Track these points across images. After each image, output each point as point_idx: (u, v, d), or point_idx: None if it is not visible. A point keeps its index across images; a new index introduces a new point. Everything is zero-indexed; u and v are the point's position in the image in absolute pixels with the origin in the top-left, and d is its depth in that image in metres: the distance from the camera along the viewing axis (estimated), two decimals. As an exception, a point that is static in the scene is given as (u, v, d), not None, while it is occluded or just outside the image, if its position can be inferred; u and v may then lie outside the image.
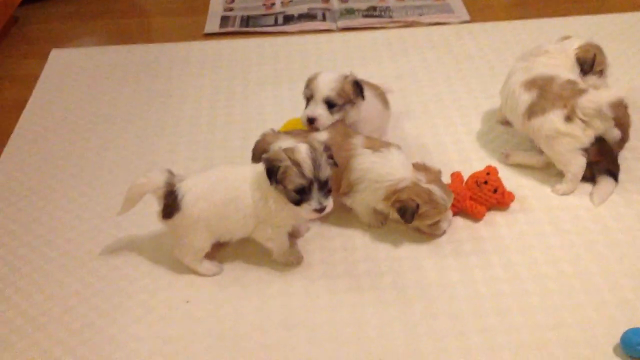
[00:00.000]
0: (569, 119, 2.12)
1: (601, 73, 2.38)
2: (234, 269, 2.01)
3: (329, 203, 1.85)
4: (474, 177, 2.16)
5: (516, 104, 2.25)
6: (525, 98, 2.21)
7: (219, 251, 2.04)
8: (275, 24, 3.35)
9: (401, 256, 2.03)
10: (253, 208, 1.90)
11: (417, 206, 1.95)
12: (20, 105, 2.79)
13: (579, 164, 2.16)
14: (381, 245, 2.06)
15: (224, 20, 3.40)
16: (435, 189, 1.97)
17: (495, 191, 2.12)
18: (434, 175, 2.01)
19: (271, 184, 1.85)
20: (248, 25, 3.35)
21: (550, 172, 2.26)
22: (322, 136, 2.07)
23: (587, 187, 2.22)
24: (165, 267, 2.01)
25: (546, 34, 3.03)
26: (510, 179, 2.23)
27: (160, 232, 2.08)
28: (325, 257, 2.03)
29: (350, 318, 1.85)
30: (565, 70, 2.26)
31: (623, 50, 2.95)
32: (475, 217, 2.12)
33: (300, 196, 1.83)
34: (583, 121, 2.12)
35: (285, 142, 1.97)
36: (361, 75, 2.29)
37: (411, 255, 2.03)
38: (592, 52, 2.31)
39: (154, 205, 1.95)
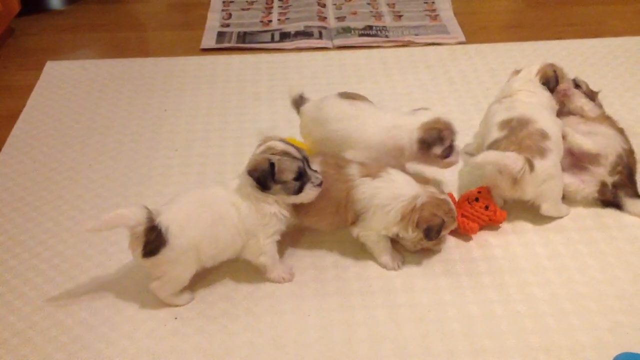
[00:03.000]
0: (500, 172, 2.10)
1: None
2: (224, 285, 1.99)
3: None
4: (465, 196, 2.17)
5: (487, 140, 2.23)
6: (494, 135, 2.19)
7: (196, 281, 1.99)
8: (272, 40, 3.36)
9: (393, 275, 2.01)
10: (241, 224, 1.89)
11: (443, 221, 1.94)
12: (14, 116, 2.79)
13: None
14: (373, 264, 2.05)
15: (221, 35, 3.41)
16: (448, 198, 1.98)
17: (486, 208, 2.11)
18: (434, 186, 2.02)
19: (268, 189, 1.85)
20: (245, 42, 3.35)
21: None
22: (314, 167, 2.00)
23: (580, 210, 2.23)
24: (155, 282, 2.00)
25: (542, 57, 3.03)
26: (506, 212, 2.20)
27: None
28: (317, 275, 2.02)
29: (341, 337, 1.83)
30: (544, 110, 2.24)
31: (619, 74, 2.97)
32: (468, 233, 2.11)
33: (300, 182, 1.86)
34: (514, 181, 2.09)
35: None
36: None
37: (403, 274, 2.02)
38: (552, 70, 2.35)
39: (122, 243, 1.91)
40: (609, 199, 2.22)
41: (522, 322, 1.86)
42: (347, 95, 2.27)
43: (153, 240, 1.80)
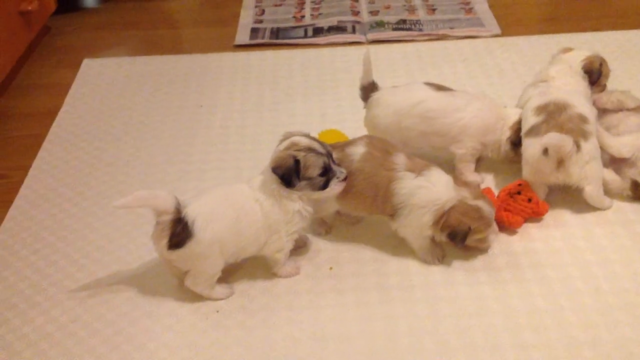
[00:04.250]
0: (546, 152, 2.07)
1: (604, 87, 2.41)
2: (264, 279, 1.99)
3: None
4: (506, 190, 2.13)
5: (524, 126, 2.21)
6: (531, 121, 2.17)
7: (231, 273, 2.00)
8: (305, 36, 3.36)
9: (433, 269, 2.00)
10: (265, 221, 1.88)
11: (469, 228, 1.90)
12: (53, 113, 2.82)
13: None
14: (412, 258, 2.04)
15: (254, 32, 3.42)
16: (482, 204, 1.92)
17: (529, 200, 2.09)
18: (476, 190, 1.98)
19: (293, 186, 1.85)
20: (278, 37, 3.36)
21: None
22: (358, 150, 1.99)
23: (623, 204, 2.19)
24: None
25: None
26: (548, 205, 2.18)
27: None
28: (357, 269, 2.02)
29: (382, 331, 1.83)
30: (580, 96, 2.22)
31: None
32: (512, 227, 2.09)
33: (325, 177, 1.86)
34: (559, 163, 2.08)
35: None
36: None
37: (443, 269, 2.00)
38: (599, 63, 2.33)
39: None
40: None
41: (566, 316, 1.83)
42: (438, 87, 2.27)
43: (179, 233, 1.79)
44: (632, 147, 2.18)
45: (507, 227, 2.10)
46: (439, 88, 2.27)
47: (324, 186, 1.88)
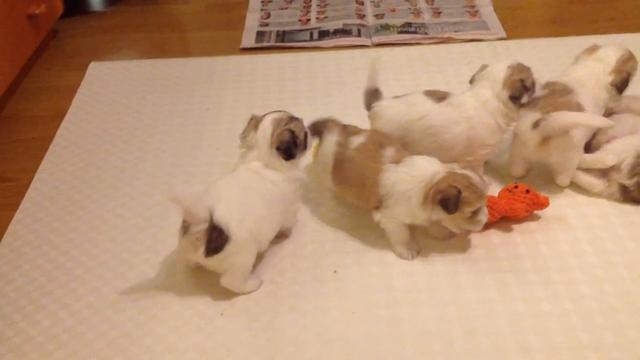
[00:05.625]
0: (536, 125, 2.13)
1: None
2: (268, 282, 2.00)
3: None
4: (504, 188, 2.17)
5: None
6: (538, 93, 2.22)
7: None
8: (311, 39, 3.37)
9: (438, 272, 2.01)
10: (282, 196, 1.99)
11: (459, 192, 1.88)
12: (60, 116, 2.83)
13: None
14: (418, 261, 2.04)
15: (260, 35, 3.43)
16: (471, 173, 1.93)
17: (527, 192, 2.11)
18: (465, 165, 2.00)
19: (295, 156, 2.01)
20: (283, 40, 3.37)
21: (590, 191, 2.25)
22: (358, 140, 2.07)
23: (627, 207, 2.19)
24: (201, 279, 2.01)
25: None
26: (548, 197, 2.19)
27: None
28: (361, 272, 2.02)
29: (387, 333, 1.83)
30: (592, 97, 2.24)
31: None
32: (516, 215, 2.11)
33: (306, 137, 2.06)
34: (544, 140, 2.12)
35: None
36: (397, 91, 2.33)
37: (448, 272, 2.01)
38: (626, 72, 2.31)
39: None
40: (638, 199, 2.18)
41: (571, 319, 1.84)
42: (440, 97, 2.22)
43: (215, 239, 1.82)
44: (615, 154, 2.18)
45: (510, 216, 2.11)
46: (440, 98, 2.21)
47: (306, 145, 2.06)
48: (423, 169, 1.95)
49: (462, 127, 2.17)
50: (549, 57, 3.04)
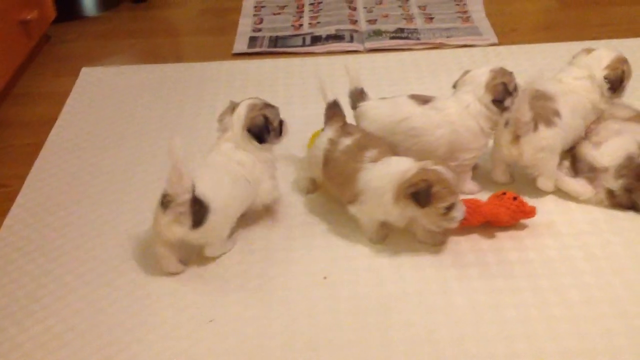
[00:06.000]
0: (507, 124, 2.17)
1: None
2: (258, 289, 2.00)
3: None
4: (492, 195, 2.17)
5: None
6: None
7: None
8: (303, 44, 3.38)
9: (428, 277, 2.01)
10: (251, 176, 2.10)
11: (430, 185, 1.90)
12: (50, 122, 2.83)
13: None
14: (406, 266, 2.05)
15: (252, 40, 3.43)
16: (442, 168, 1.95)
17: (515, 199, 2.11)
18: (439, 161, 2.01)
19: (265, 140, 2.13)
20: (276, 46, 3.37)
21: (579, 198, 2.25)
22: (346, 141, 2.13)
23: (615, 212, 2.20)
24: (189, 286, 2.02)
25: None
26: (537, 203, 2.19)
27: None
28: (351, 279, 2.02)
29: (377, 339, 1.83)
30: (574, 104, 2.27)
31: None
32: (499, 222, 2.11)
33: (280, 125, 2.20)
34: (516, 138, 2.16)
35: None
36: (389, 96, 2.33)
37: (438, 277, 2.01)
38: (620, 69, 2.34)
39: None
40: (625, 204, 2.18)
41: (560, 325, 1.84)
42: (424, 100, 2.25)
43: (198, 210, 1.93)
44: (610, 156, 2.19)
45: (494, 222, 2.12)
46: (424, 101, 2.24)
47: (281, 132, 2.18)
48: (397, 167, 1.99)
49: (443, 130, 2.19)
50: (540, 63, 3.05)
